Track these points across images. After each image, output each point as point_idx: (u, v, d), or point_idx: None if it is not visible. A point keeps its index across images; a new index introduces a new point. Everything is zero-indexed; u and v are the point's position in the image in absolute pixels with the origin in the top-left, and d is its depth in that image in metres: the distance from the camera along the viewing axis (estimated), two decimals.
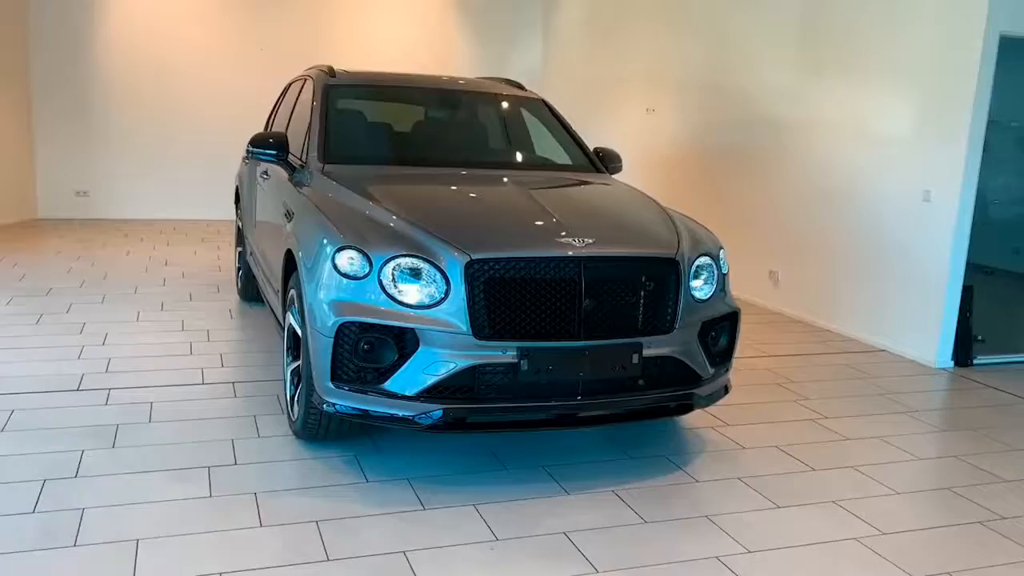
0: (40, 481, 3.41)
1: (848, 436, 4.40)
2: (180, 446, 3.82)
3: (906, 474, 3.96)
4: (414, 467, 3.72)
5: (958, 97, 5.54)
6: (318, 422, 3.71)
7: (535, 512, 3.38)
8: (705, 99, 8.21)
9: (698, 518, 3.40)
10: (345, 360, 3.39)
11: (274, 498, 3.37)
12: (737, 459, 4.02)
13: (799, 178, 6.95)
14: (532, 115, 5.26)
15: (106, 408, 4.24)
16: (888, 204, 6.10)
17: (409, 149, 4.80)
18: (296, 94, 5.46)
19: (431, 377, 3.33)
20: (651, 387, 3.61)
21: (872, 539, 3.30)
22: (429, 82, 5.13)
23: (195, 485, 3.45)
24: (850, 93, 6.41)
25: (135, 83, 10.37)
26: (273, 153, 4.55)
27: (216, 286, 7.05)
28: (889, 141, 6.08)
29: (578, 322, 3.41)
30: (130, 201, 10.56)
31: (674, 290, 3.62)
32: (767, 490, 3.69)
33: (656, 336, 3.56)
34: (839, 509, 3.55)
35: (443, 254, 3.38)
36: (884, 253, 6.14)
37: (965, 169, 5.54)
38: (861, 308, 6.38)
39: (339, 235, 3.51)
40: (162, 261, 8.02)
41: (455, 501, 3.43)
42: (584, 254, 3.44)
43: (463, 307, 3.32)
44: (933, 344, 5.80)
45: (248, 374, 4.86)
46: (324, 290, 3.47)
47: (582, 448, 4.01)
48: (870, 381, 5.39)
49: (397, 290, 3.37)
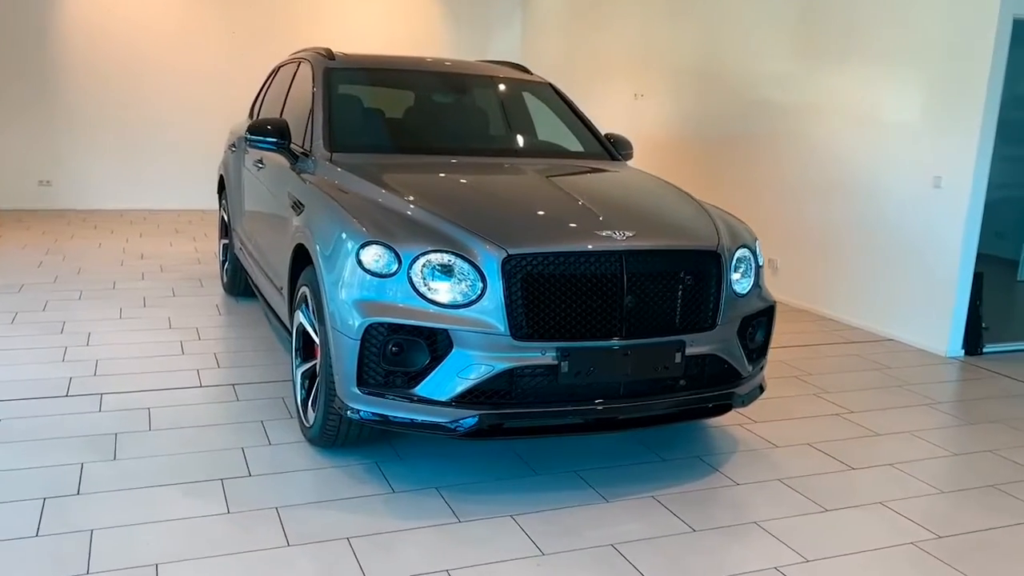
0: (40, 499, 3.14)
1: (877, 431, 4.27)
2: (187, 456, 3.56)
3: (946, 471, 3.84)
4: (440, 474, 3.50)
5: (971, 81, 5.43)
6: (337, 428, 3.48)
7: (576, 522, 3.18)
8: (698, 84, 8.04)
9: (747, 524, 3.23)
10: (372, 364, 3.16)
11: (297, 513, 3.14)
12: (771, 459, 3.86)
13: (798, 165, 6.82)
14: (539, 100, 5.03)
15: (101, 415, 3.95)
16: (895, 191, 5.99)
17: (418, 136, 4.53)
18: (289, 78, 5.17)
19: (466, 381, 3.11)
20: (692, 387, 3.43)
21: (929, 543, 3.16)
22: (434, 66, 4.87)
23: (210, 500, 3.20)
24: (854, 78, 6.27)
25: (100, 68, 9.92)
26: (274, 141, 4.27)
27: (198, 280, 6.73)
28: (896, 127, 5.96)
29: (620, 320, 3.22)
30: (96, 191, 10.13)
31: (716, 284, 3.44)
32: (810, 492, 3.54)
33: (698, 333, 3.38)
34: (888, 511, 3.41)
35: (478, 249, 3.15)
36: (891, 240, 6.03)
37: (978, 154, 5.44)
38: (866, 296, 6.27)
39: (363, 229, 3.27)
40: (137, 254, 7.67)
41: (490, 512, 3.22)
42: (625, 247, 3.24)
43: (500, 306, 3.10)
44: (944, 333, 5.70)
45: (247, 375, 4.60)
46: (347, 289, 3.23)
47: (612, 450, 3.83)
48: (885, 372, 5.27)
49: (428, 288, 3.14)
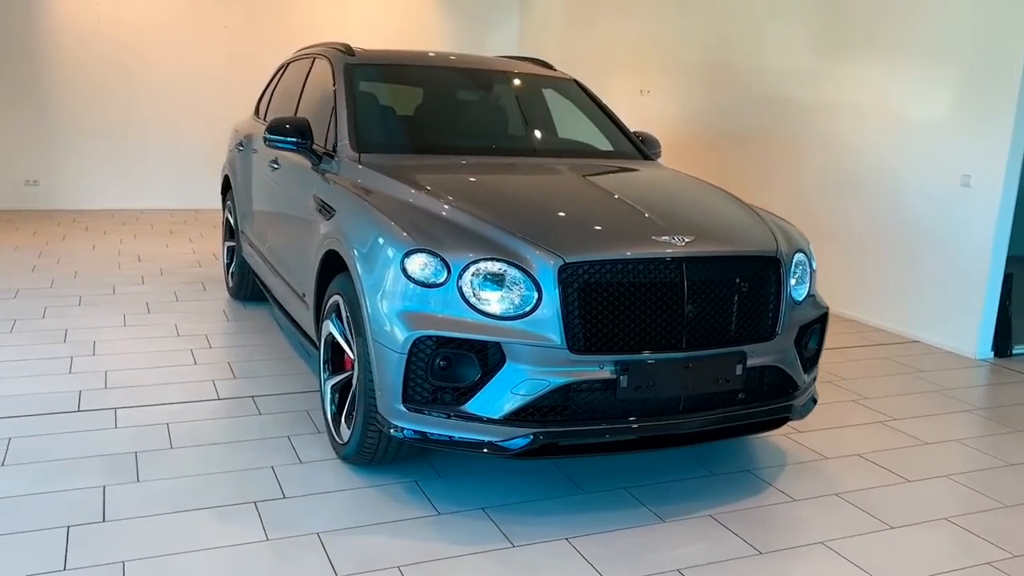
0: (63, 528, 2.92)
1: (925, 440, 4.13)
2: (214, 477, 3.35)
3: (1004, 483, 3.69)
4: (485, 494, 3.31)
5: (1003, 76, 5.29)
6: (376, 446, 3.28)
7: (634, 544, 3.01)
8: (708, 79, 7.87)
9: (813, 545, 3.07)
10: (419, 379, 2.97)
11: (341, 538, 2.94)
12: (824, 471, 3.70)
13: (817, 163, 6.67)
14: (565, 97, 4.85)
15: (117, 432, 3.73)
16: (921, 189, 5.85)
17: (447, 136, 4.32)
18: (303, 75, 4.95)
19: (520, 397, 2.92)
20: (751, 400, 3.26)
21: (1006, 563, 3.02)
22: (457, 62, 4.67)
23: (245, 525, 2.99)
24: (877, 72, 6.13)
25: (89, 65, 9.61)
26: (295, 140, 4.05)
27: (201, 284, 6.50)
28: (922, 123, 5.82)
29: (681, 330, 3.04)
30: (84, 190, 9.82)
31: (775, 291, 3.28)
32: (871, 507, 3.38)
33: (759, 344, 3.22)
34: (955, 527, 3.26)
35: (531, 257, 2.96)
36: (916, 240, 5.89)
37: (1010, 152, 5.31)
38: (890, 298, 6.13)
39: (406, 236, 3.07)
40: (133, 256, 7.41)
41: (544, 535, 3.04)
42: (685, 254, 3.06)
43: (556, 317, 2.92)
44: (973, 334, 5.58)
45: (266, 386, 4.38)
46: (390, 299, 3.03)
47: (658, 465, 3.65)
48: (919, 376, 5.14)
49: (479, 299, 2.95)
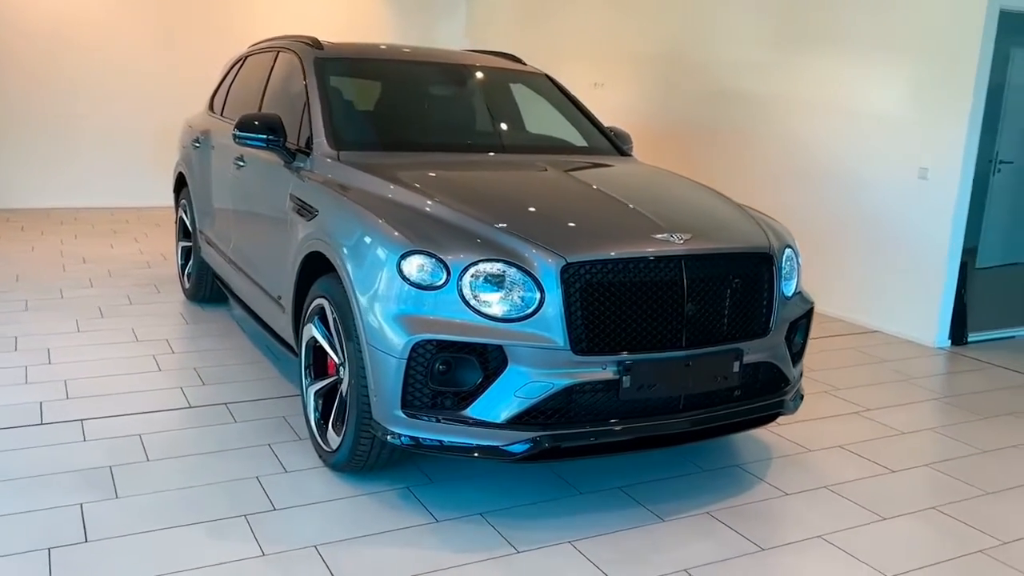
0: (44, 550, 2.77)
1: (900, 430, 4.20)
2: (198, 489, 3.22)
3: (983, 471, 3.77)
4: (480, 498, 3.25)
5: (958, 73, 5.42)
6: (368, 453, 3.19)
7: (638, 545, 2.98)
8: (664, 73, 7.90)
9: (813, 540, 3.09)
10: (418, 384, 2.89)
11: (340, 550, 2.85)
12: (809, 464, 3.74)
13: (774, 156, 6.75)
14: (535, 92, 4.79)
15: (88, 445, 3.56)
16: (879, 182, 5.97)
17: (427, 132, 4.23)
18: (265, 69, 4.79)
19: (523, 400, 2.86)
20: (745, 396, 3.26)
21: (997, 550, 3.08)
22: (429, 56, 4.57)
23: (239, 541, 2.88)
24: (834, 66, 6.22)
25: (19, 57, 9.20)
26: (267, 138, 3.91)
27: (153, 285, 6.27)
28: (879, 117, 5.93)
29: (681, 329, 3.02)
30: (17, 188, 9.37)
31: (768, 288, 3.28)
32: (861, 499, 3.42)
33: (754, 340, 3.22)
34: (944, 516, 3.31)
35: (533, 257, 2.90)
36: (875, 232, 6.01)
37: (966, 145, 5.44)
38: (849, 288, 6.24)
39: (401, 237, 2.98)
40: (77, 257, 7.11)
41: (546, 539, 2.99)
42: (684, 252, 3.04)
43: (559, 318, 2.87)
44: (932, 324, 5.72)
45: (237, 392, 4.24)
46: (385, 303, 2.94)
47: (649, 463, 3.63)
48: (884, 365, 5.24)
49: (480, 301, 2.88)
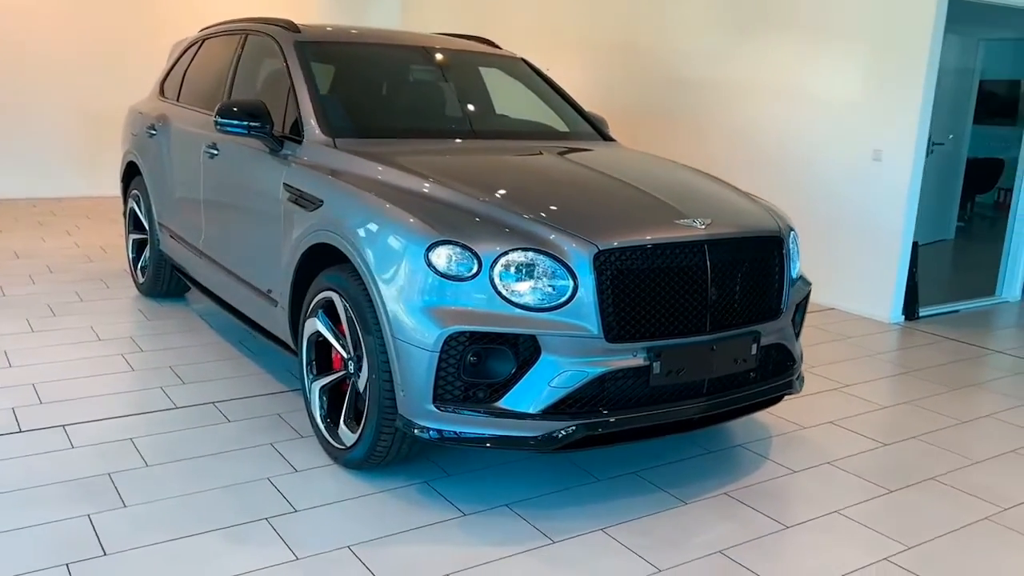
0: (62, 566, 2.61)
1: (881, 403, 4.35)
2: (209, 494, 3.09)
3: (966, 440, 3.94)
4: (501, 490, 3.22)
5: (910, 57, 5.60)
6: (388, 448, 3.11)
7: (669, 529, 3.00)
8: (616, 57, 7.90)
9: (831, 515, 3.17)
10: (451, 377, 2.83)
11: (375, 550, 2.78)
12: (808, 441, 3.83)
13: (727, 141, 6.86)
14: (512, 76, 4.74)
15: (77, 452, 3.37)
16: (834, 164, 6.13)
17: (418, 119, 4.12)
18: (233, 53, 4.59)
19: (557, 390, 2.84)
20: (760, 378, 3.32)
21: (1000, 515, 3.22)
22: (409, 40, 4.46)
23: (267, 545, 2.77)
24: (786, 50, 6.35)
25: None
26: (253, 125, 3.75)
27: (101, 281, 5.97)
28: (833, 100, 6.09)
29: (705, 313, 3.04)
30: None
31: (779, 270, 3.34)
32: (865, 474, 3.52)
33: (768, 322, 3.27)
34: (945, 487, 3.44)
35: (565, 245, 2.87)
36: (830, 213, 6.18)
37: (919, 127, 5.64)
38: (807, 267, 6.38)
39: (428, 227, 2.90)
40: (8, 252, 6.72)
41: (578, 528, 2.98)
42: (707, 237, 3.06)
43: (593, 306, 2.85)
44: (887, 300, 5.93)
45: (223, 390, 4.08)
46: (413, 295, 2.87)
47: (656, 447, 3.66)
48: (848, 342, 5.41)
49: (512, 291, 2.83)
